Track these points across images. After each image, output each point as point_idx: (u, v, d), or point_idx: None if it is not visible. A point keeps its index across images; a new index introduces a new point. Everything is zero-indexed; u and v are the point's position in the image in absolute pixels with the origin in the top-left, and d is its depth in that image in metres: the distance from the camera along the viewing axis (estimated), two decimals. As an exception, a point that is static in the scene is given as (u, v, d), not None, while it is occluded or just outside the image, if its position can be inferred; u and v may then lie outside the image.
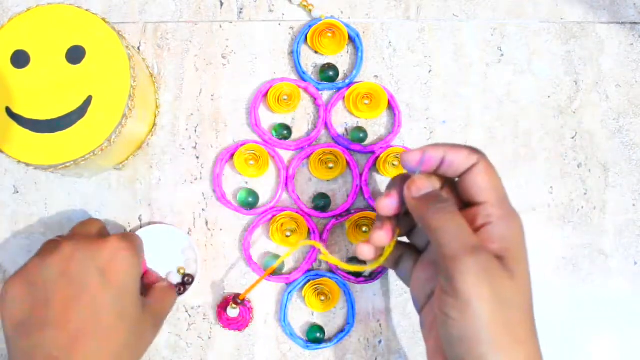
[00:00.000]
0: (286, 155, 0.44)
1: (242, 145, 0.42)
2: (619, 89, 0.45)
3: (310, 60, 0.45)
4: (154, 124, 0.43)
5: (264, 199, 0.43)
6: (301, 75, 0.44)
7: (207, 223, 0.43)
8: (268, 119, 0.44)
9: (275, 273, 0.42)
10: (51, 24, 0.37)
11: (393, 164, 0.42)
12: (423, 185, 0.31)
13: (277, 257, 0.41)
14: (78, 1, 0.45)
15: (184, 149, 0.44)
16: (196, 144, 0.44)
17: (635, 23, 0.46)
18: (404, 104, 0.44)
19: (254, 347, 0.42)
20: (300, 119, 0.44)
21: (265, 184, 0.43)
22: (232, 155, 0.43)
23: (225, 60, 0.45)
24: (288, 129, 0.43)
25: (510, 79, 0.45)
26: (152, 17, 0.45)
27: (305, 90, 0.44)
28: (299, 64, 0.44)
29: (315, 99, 0.44)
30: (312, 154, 0.43)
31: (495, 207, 0.31)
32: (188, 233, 0.43)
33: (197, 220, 0.43)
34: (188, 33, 0.45)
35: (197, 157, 0.44)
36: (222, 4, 0.46)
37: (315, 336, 0.41)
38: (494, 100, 0.45)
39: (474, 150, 0.32)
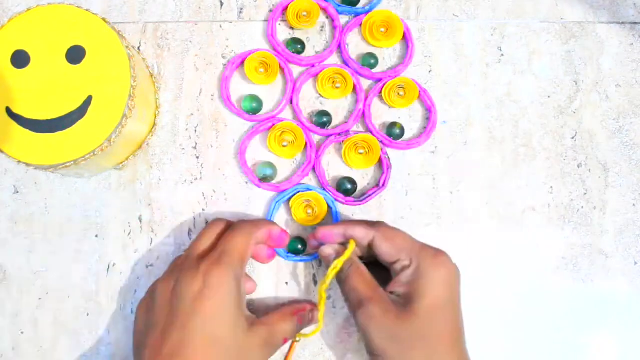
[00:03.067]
0: (296, 70, 0.44)
1: (254, 52, 0.43)
2: (619, 89, 0.45)
3: None
4: (154, 124, 0.43)
5: (268, 108, 0.44)
6: None
7: (207, 223, 0.43)
8: (285, 34, 0.45)
9: (266, 180, 0.42)
10: (51, 24, 0.37)
11: (399, 94, 0.43)
12: (326, 253, 0.38)
13: (269, 165, 0.42)
14: (78, 1, 0.45)
15: (184, 149, 0.44)
16: (196, 144, 0.44)
17: (635, 23, 0.46)
18: (404, 104, 0.44)
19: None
20: (315, 37, 0.45)
21: (272, 94, 0.44)
22: (242, 62, 0.43)
23: (225, 60, 0.45)
24: (302, 43, 0.44)
25: (510, 79, 0.45)
26: (152, 17, 0.45)
27: (325, 10, 0.45)
28: None
29: (333, 20, 0.45)
30: (320, 71, 0.43)
31: (405, 260, 0.36)
32: (188, 233, 0.43)
33: (197, 220, 0.43)
34: (188, 33, 0.45)
35: (197, 157, 0.44)
36: (222, 4, 0.46)
37: (296, 247, 0.41)
38: (494, 100, 0.45)
39: (369, 225, 0.37)
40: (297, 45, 0.44)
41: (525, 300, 0.42)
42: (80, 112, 0.37)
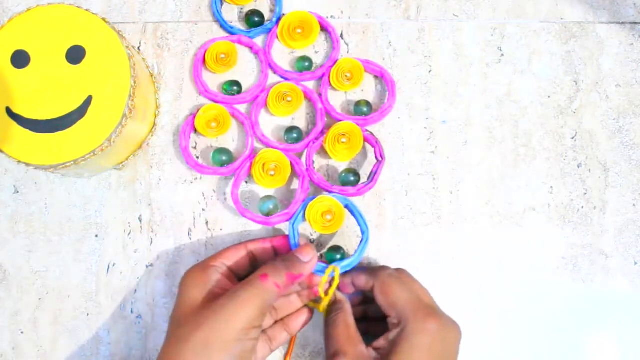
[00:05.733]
0: (244, 109, 0.44)
1: (198, 111, 0.42)
2: (619, 89, 0.45)
3: (234, 14, 0.46)
4: (154, 124, 0.43)
5: (238, 154, 0.43)
6: (229, 30, 0.45)
7: (207, 223, 0.43)
8: (217, 82, 0.45)
9: (272, 213, 0.41)
10: (51, 24, 0.37)
11: (346, 76, 0.43)
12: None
13: (269, 198, 0.41)
14: (78, 1, 0.45)
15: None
16: (196, 144, 0.44)
17: (635, 23, 0.46)
18: (404, 104, 0.44)
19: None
20: (245, 70, 0.45)
21: (235, 140, 0.44)
22: (193, 126, 0.43)
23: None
24: (237, 84, 0.44)
25: (510, 79, 0.45)
26: (152, 17, 0.45)
27: (239, 42, 0.45)
28: (223, 19, 0.44)
29: (250, 47, 0.45)
30: (268, 96, 0.43)
31: (394, 318, 0.36)
32: (188, 233, 0.43)
33: (197, 220, 0.43)
34: (188, 33, 0.45)
35: (197, 157, 0.44)
36: (222, 3, 0.46)
37: (334, 257, 0.40)
38: (494, 100, 0.45)
39: (372, 274, 0.37)
40: (233, 87, 0.43)
41: (525, 300, 0.42)
42: (80, 112, 0.37)
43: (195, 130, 0.43)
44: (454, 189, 0.44)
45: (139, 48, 0.45)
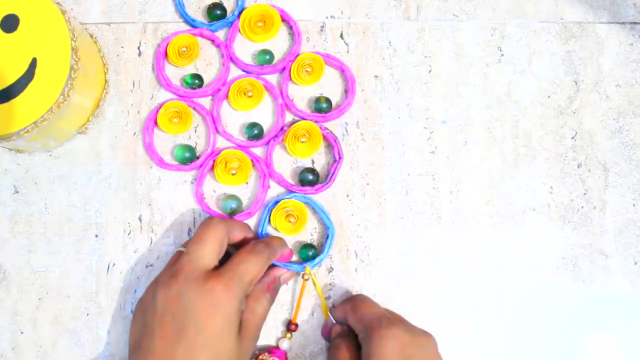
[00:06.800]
0: (206, 102, 0.44)
1: (160, 107, 0.43)
2: (619, 89, 0.45)
3: (197, 4, 0.45)
4: (106, 81, 0.44)
5: (201, 149, 0.43)
6: (191, 23, 0.45)
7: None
8: (178, 75, 0.44)
9: (236, 212, 0.42)
10: None
11: (306, 71, 0.43)
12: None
13: (231, 197, 0.42)
14: (77, 1, 0.45)
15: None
16: (196, 144, 0.44)
17: (635, 23, 0.46)
18: (404, 104, 0.44)
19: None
20: (207, 64, 0.45)
21: (197, 135, 0.44)
22: (155, 121, 0.43)
23: (225, 60, 0.45)
24: (199, 77, 0.44)
25: (510, 79, 0.45)
26: (152, 17, 0.45)
27: (201, 35, 0.45)
28: (185, 13, 0.44)
29: (212, 40, 0.45)
30: (229, 91, 0.43)
31: (361, 332, 0.36)
32: (188, 233, 0.43)
33: (197, 220, 0.43)
34: (188, 33, 0.45)
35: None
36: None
37: (307, 254, 0.41)
38: (494, 100, 0.45)
39: (347, 301, 0.39)
40: (195, 80, 0.43)
41: (525, 300, 0.42)
42: (28, 76, 0.37)
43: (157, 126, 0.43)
44: (454, 189, 0.44)
45: (139, 48, 0.45)
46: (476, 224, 0.43)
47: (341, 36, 0.45)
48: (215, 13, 0.44)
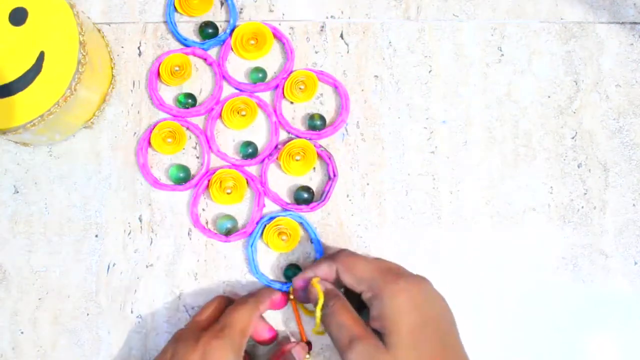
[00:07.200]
0: (200, 121, 0.44)
1: (153, 127, 0.42)
2: (619, 89, 0.45)
3: (189, 27, 0.45)
4: (113, 76, 0.44)
5: (195, 169, 0.43)
6: (182, 42, 0.44)
7: (207, 223, 0.43)
8: (172, 94, 0.44)
9: (231, 232, 0.42)
10: None
11: (300, 88, 0.43)
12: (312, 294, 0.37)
13: (226, 217, 0.42)
14: (78, 1, 0.45)
15: (184, 148, 0.44)
16: (196, 144, 0.44)
17: (635, 23, 0.46)
18: (404, 104, 0.44)
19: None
20: (200, 82, 0.45)
21: (192, 155, 0.44)
22: (149, 141, 0.43)
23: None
24: (192, 96, 0.43)
25: (510, 79, 0.45)
26: (152, 17, 0.45)
27: (193, 54, 0.44)
28: (177, 32, 0.44)
29: (205, 59, 0.44)
30: (222, 109, 0.43)
31: (367, 292, 0.35)
32: (188, 233, 0.43)
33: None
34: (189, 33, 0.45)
35: (197, 157, 0.44)
36: (222, 4, 0.46)
37: (292, 272, 0.41)
38: (494, 100, 0.45)
39: (331, 259, 0.37)
40: (187, 100, 0.43)
41: (525, 300, 0.42)
42: (36, 69, 0.37)
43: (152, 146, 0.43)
44: (454, 189, 0.44)
45: (139, 48, 0.45)
46: (476, 224, 0.43)
47: (341, 36, 0.45)
48: (207, 31, 0.44)
